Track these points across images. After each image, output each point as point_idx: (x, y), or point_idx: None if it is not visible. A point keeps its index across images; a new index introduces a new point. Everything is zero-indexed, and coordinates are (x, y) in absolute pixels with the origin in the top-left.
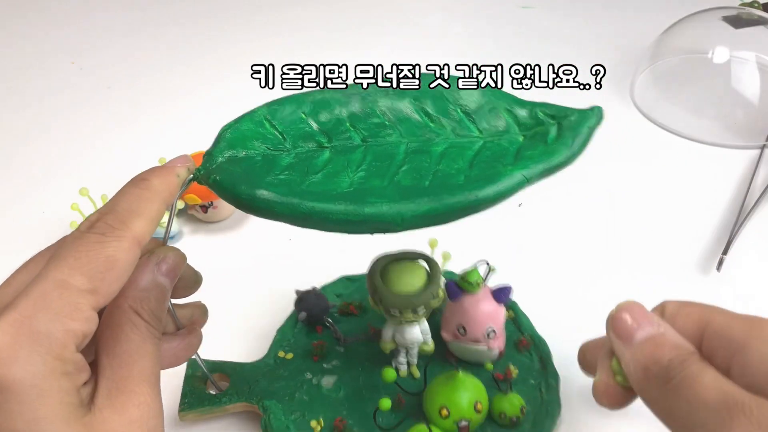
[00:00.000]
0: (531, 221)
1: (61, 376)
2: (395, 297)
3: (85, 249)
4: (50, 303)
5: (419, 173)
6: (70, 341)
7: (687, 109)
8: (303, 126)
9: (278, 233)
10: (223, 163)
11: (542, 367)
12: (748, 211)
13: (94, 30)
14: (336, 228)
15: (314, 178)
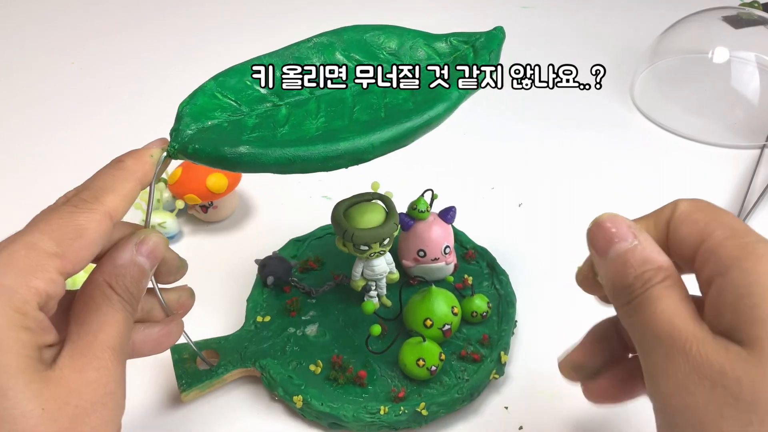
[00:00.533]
0: (531, 220)
1: (21, 329)
2: (365, 232)
3: (56, 217)
4: (16, 261)
5: (372, 109)
6: (32, 297)
7: (687, 109)
8: (251, 92)
9: (278, 233)
10: (195, 135)
11: (491, 270)
12: (748, 211)
13: (94, 30)
14: (318, 167)
15: (283, 130)
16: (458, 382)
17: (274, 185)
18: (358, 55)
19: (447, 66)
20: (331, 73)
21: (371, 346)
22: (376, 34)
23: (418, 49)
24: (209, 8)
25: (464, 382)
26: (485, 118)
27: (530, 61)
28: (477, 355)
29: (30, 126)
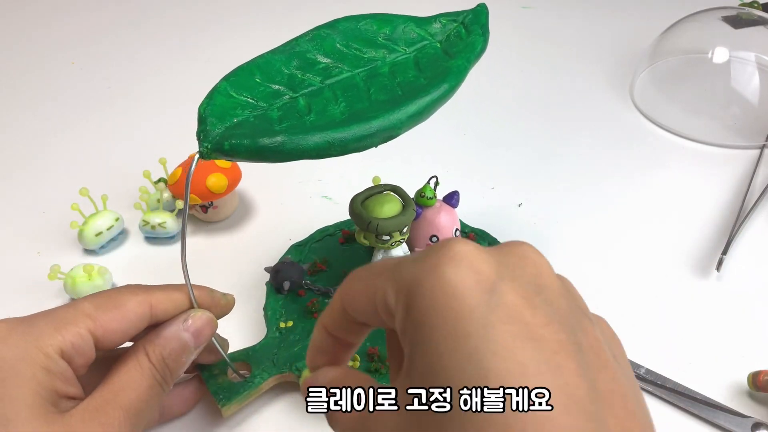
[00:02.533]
0: (531, 220)
1: (40, 368)
2: (389, 221)
3: (106, 292)
4: (54, 313)
5: (388, 89)
6: (57, 343)
7: (687, 109)
8: (264, 88)
9: (278, 233)
10: (226, 132)
11: None
12: (748, 211)
13: (94, 30)
14: (353, 147)
15: (310, 117)
16: None
17: (274, 185)
18: (357, 44)
19: (440, 43)
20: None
21: None
22: (369, 22)
23: (411, 32)
24: (209, 8)
25: None
26: (485, 118)
27: (529, 61)
28: None
29: (30, 126)
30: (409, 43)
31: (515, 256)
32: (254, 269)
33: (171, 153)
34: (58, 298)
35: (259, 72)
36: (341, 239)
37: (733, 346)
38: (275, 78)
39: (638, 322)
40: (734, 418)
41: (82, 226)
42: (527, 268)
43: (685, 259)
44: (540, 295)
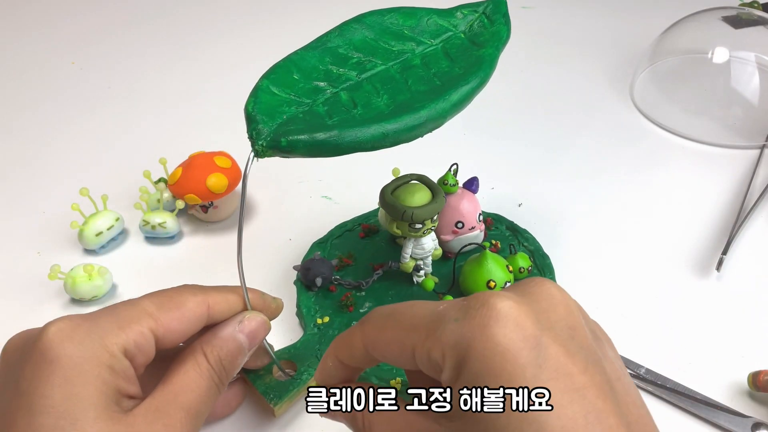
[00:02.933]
0: (531, 221)
1: (105, 367)
2: (423, 210)
3: (165, 292)
4: (117, 312)
5: (425, 80)
6: (121, 342)
7: (687, 109)
8: (303, 85)
9: (278, 233)
10: (279, 129)
11: (513, 232)
12: (748, 211)
13: (94, 30)
14: (405, 137)
15: (357, 111)
16: None
17: (274, 185)
18: (385, 38)
19: (464, 33)
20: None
21: None
22: (394, 16)
23: (434, 24)
24: (209, 8)
25: None
26: (485, 118)
27: (530, 61)
28: None
29: (30, 126)
30: (434, 34)
31: (545, 299)
32: (256, 269)
33: (171, 153)
34: (58, 298)
35: (296, 69)
36: (361, 233)
37: (733, 346)
38: (312, 74)
39: (638, 322)
40: (734, 418)
41: (82, 226)
42: (559, 311)
43: (685, 259)
44: (574, 339)
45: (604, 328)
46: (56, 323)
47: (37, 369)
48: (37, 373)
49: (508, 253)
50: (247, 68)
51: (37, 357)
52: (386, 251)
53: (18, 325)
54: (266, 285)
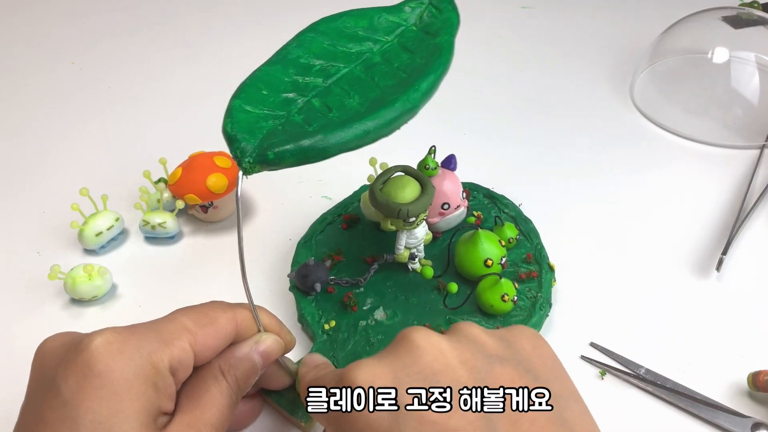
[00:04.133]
0: (532, 218)
1: (151, 385)
2: (417, 205)
3: (197, 308)
4: (159, 327)
5: (390, 75)
6: (165, 358)
7: (687, 109)
8: (274, 99)
9: (278, 233)
10: (263, 143)
11: (491, 200)
12: (748, 211)
13: (94, 30)
14: (386, 131)
15: (333, 114)
16: (532, 301)
17: (274, 185)
18: (342, 42)
19: (415, 26)
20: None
21: (447, 302)
22: (346, 20)
23: (385, 21)
24: (209, 9)
25: (538, 298)
26: (485, 118)
27: (530, 61)
28: (533, 272)
29: (30, 126)
30: (388, 31)
31: (410, 350)
32: (256, 269)
33: (171, 153)
34: (58, 298)
35: (263, 85)
36: (343, 225)
37: (733, 346)
38: (280, 87)
39: (638, 322)
40: (734, 418)
41: (82, 226)
42: (423, 359)
43: (685, 259)
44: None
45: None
46: (103, 334)
47: (84, 380)
48: (83, 385)
49: (493, 224)
50: (247, 68)
51: (84, 368)
52: (373, 240)
53: (18, 325)
54: (266, 285)
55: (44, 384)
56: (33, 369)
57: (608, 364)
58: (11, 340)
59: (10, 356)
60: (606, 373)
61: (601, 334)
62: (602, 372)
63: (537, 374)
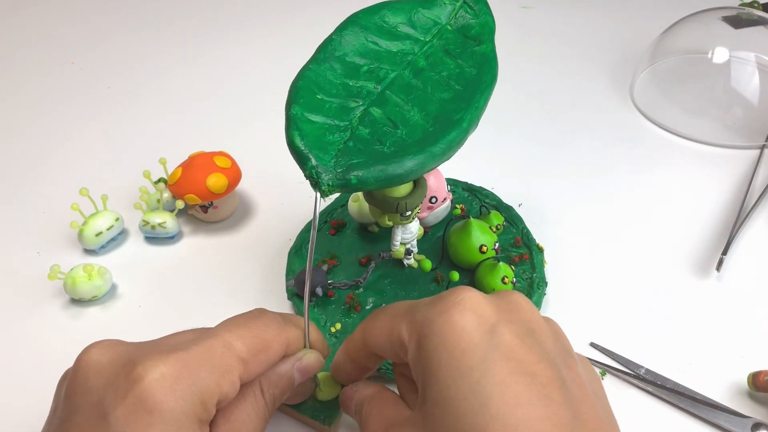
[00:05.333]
0: (531, 220)
1: (198, 421)
2: (413, 198)
3: (253, 327)
4: (214, 357)
5: (443, 86)
6: (215, 396)
7: (687, 109)
8: (329, 104)
9: (278, 233)
10: (339, 165)
11: (470, 192)
12: (748, 211)
13: (94, 30)
14: (458, 147)
15: (402, 131)
16: (529, 281)
17: (274, 185)
18: (383, 39)
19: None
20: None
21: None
22: (384, 14)
23: (421, 17)
24: (209, 8)
25: (534, 278)
26: (485, 118)
27: (530, 61)
28: (524, 255)
29: (30, 126)
30: (425, 29)
31: (511, 303)
32: (256, 269)
33: (171, 153)
34: (58, 298)
35: (317, 88)
36: (331, 231)
37: (733, 346)
38: (332, 91)
39: (638, 322)
40: (734, 418)
41: (82, 226)
42: (522, 314)
43: (685, 259)
44: (532, 336)
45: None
46: (158, 367)
47: (134, 416)
48: (133, 420)
49: (479, 213)
50: (248, 68)
51: (135, 402)
52: (363, 242)
53: (18, 325)
54: (266, 287)
55: (90, 407)
56: (76, 380)
57: (608, 364)
58: (11, 340)
59: (11, 356)
60: (606, 373)
61: (601, 334)
62: (602, 372)
63: (598, 395)
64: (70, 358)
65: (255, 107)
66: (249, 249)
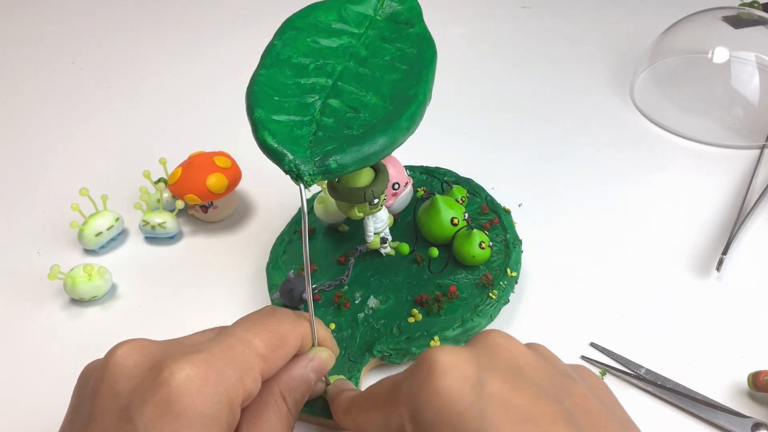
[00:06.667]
0: (531, 221)
1: (224, 422)
2: (378, 184)
3: (268, 323)
4: (235, 356)
5: (390, 69)
6: (240, 395)
7: (687, 109)
8: (289, 104)
9: (278, 233)
10: (315, 154)
11: (428, 174)
12: (748, 211)
13: (94, 30)
14: (419, 120)
15: (364, 114)
16: (504, 243)
17: (274, 185)
18: (321, 37)
19: (379, 15)
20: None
21: (432, 267)
22: (316, 14)
23: (350, 12)
24: (209, 8)
25: (508, 239)
26: (485, 118)
27: (530, 61)
28: (494, 219)
29: (30, 126)
30: (357, 23)
31: (488, 346)
32: (256, 269)
33: (171, 153)
34: (57, 298)
35: (272, 91)
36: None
37: (733, 346)
38: (287, 91)
39: (638, 322)
40: (734, 418)
41: (82, 226)
42: (503, 354)
43: (685, 259)
44: (521, 376)
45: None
46: (184, 369)
47: (161, 419)
48: (160, 424)
49: (441, 190)
50: (248, 68)
51: (162, 405)
52: (335, 243)
53: (18, 325)
54: (266, 286)
55: (118, 410)
56: (103, 383)
57: (608, 364)
58: (11, 340)
59: (11, 356)
60: (606, 373)
61: (601, 334)
62: (602, 372)
63: (606, 404)
64: (70, 358)
65: None
66: (249, 249)
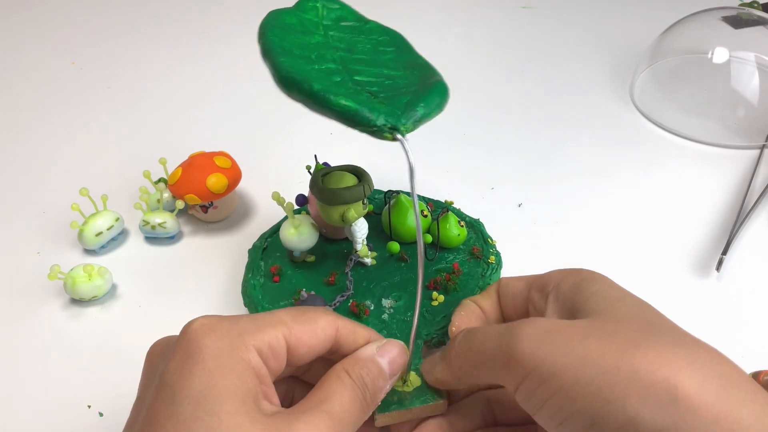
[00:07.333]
0: (531, 220)
1: (242, 361)
2: (370, 181)
3: (301, 308)
4: (255, 316)
5: (378, 51)
6: (257, 341)
7: (687, 109)
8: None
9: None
10: (398, 110)
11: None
12: (748, 211)
13: (94, 30)
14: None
15: (398, 81)
16: (470, 227)
17: (274, 185)
18: (300, 34)
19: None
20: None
21: (429, 254)
22: (283, 18)
23: (306, 19)
24: (209, 9)
25: (467, 221)
26: (485, 118)
27: (529, 61)
28: (447, 210)
29: (30, 126)
30: (315, 27)
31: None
32: None
33: (171, 153)
34: (58, 298)
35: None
36: (275, 278)
37: (733, 346)
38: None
39: None
40: None
41: (82, 226)
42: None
43: (685, 259)
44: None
45: None
46: (198, 320)
47: (181, 362)
48: (180, 366)
49: (392, 194)
50: (248, 68)
51: (181, 352)
52: (312, 268)
53: (18, 325)
54: None
55: (151, 378)
56: (143, 372)
57: None
58: (11, 340)
59: (11, 356)
60: None
61: None
62: None
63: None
64: (70, 358)
65: (255, 107)
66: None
